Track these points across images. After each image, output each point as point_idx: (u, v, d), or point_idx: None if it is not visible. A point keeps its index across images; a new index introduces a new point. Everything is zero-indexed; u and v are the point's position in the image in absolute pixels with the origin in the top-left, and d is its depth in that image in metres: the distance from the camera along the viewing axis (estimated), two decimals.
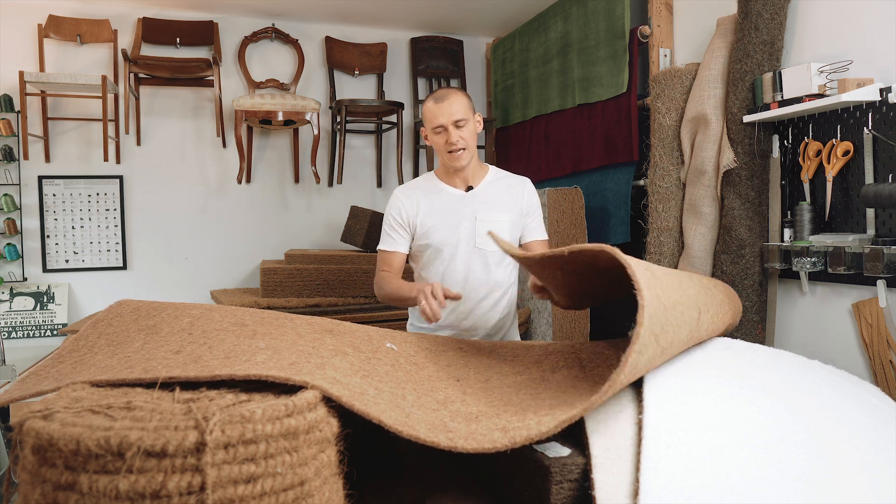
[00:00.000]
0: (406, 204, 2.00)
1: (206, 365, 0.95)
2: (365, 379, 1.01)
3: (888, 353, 2.00)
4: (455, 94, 1.94)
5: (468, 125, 1.94)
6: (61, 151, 3.79)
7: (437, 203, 2.00)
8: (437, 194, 2.02)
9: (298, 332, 1.16)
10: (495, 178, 2.06)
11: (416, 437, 0.88)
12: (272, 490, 0.76)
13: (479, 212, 1.98)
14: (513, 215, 2.01)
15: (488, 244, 1.95)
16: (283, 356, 0.98)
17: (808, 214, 2.24)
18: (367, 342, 1.23)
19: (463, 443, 0.88)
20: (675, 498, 0.84)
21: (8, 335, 3.61)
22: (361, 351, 1.16)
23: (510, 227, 2.00)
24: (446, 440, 0.89)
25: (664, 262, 2.78)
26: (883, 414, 1.14)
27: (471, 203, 2.00)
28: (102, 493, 0.70)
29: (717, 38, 2.58)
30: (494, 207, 2.00)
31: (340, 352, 1.10)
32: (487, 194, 2.01)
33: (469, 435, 0.92)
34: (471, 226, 1.98)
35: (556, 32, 3.68)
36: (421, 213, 1.99)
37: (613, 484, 0.88)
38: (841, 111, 2.16)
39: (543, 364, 1.33)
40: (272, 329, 1.15)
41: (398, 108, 4.00)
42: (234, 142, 3.89)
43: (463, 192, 2.02)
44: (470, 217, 1.98)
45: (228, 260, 4.07)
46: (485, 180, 2.04)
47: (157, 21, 3.90)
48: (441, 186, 2.03)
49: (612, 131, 3.25)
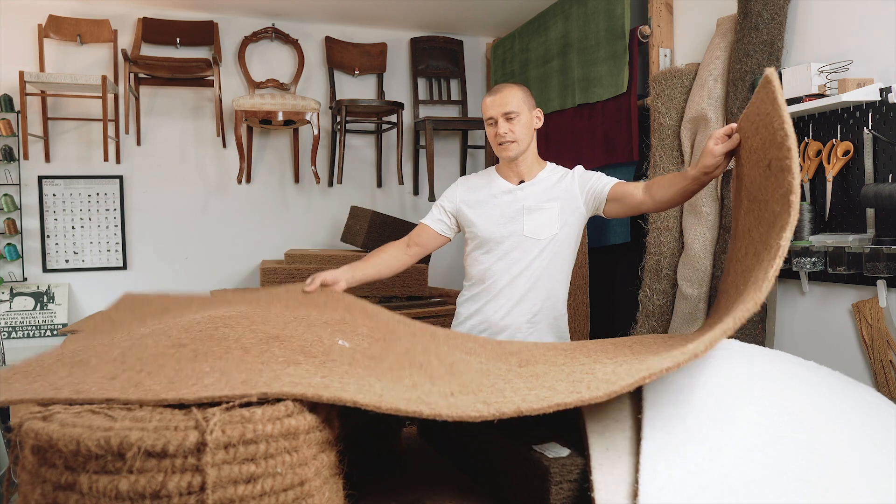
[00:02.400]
0: (457, 192, 2.12)
1: (149, 389, 0.87)
2: (325, 379, 0.96)
3: (888, 353, 2.00)
4: (510, 88, 2.00)
5: (520, 118, 1.98)
6: (61, 151, 3.79)
7: (488, 194, 2.07)
8: (489, 186, 2.09)
9: (243, 346, 1.09)
10: (550, 173, 2.09)
11: (397, 408, 0.85)
12: (272, 490, 0.76)
13: (528, 202, 2.02)
14: (564, 201, 2.01)
15: (536, 233, 2.00)
16: (233, 376, 0.92)
17: (809, 214, 2.24)
18: (318, 344, 1.17)
19: (447, 411, 0.86)
20: (675, 498, 0.84)
21: (8, 335, 3.61)
22: (314, 356, 1.10)
23: (560, 212, 2.00)
24: (428, 409, 0.86)
25: (664, 262, 2.79)
26: (882, 412, 1.14)
27: (520, 195, 2.04)
28: (102, 493, 0.70)
29: (717, 38, 2.58)
30: (543, 197, 2.03)
31: (292, 361, 1.04)
32: (538, 186, 2.05)
33: (450, 406, 0.90)
34: (519, 217, 2.02)
35: (556, 32, 3.69)
36: (469, 205, 2.08)
37: (613, 484, 0.88)
38: (841, 111, 2.16)
39: (510, 360, 1.31)
40: (214, 347, 1.07)
41: (398, 108, 4.00)
42: (234, 142, 3.89)
43: (514, 185, 2.07)
44: (518, 208, 2.02)
45: (228, 260, 4.07)
46: (540, 175, 2.08)
47: (157, 21, 3.90)
48: (495, 179, 2.10)
49: (612, 131, 3.25)
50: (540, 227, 2.00)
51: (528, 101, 2.01)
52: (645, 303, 2.86)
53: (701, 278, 2.59)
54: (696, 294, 2.60)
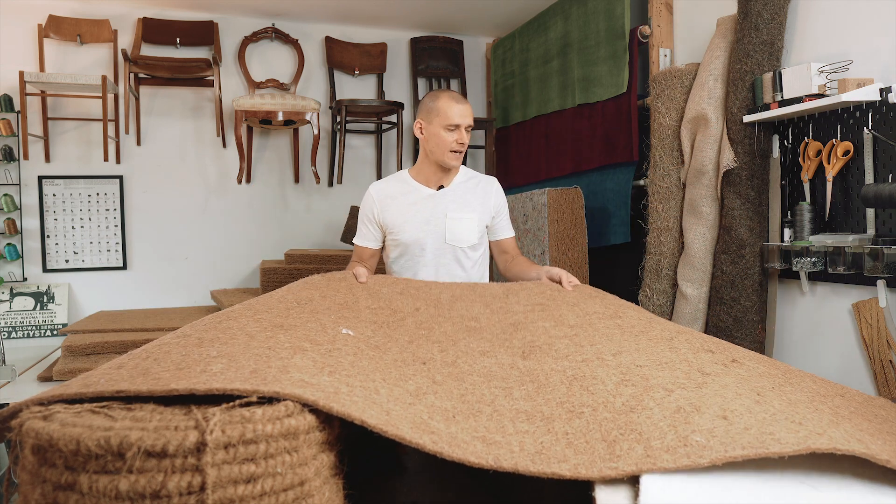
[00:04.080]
0: (376, 202, 2.12)
1: (158, 378, 0.86)
2: (332, 376, 0.96)
3: (888, 353, 2.00)
4: (467, 101, 2.11)
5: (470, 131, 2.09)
6: (61, 151, 3.79)
7: (408, 201, 2.11)
8: (409, 193, 2.12)
9: (248, 332, 1.09)
10: (465, 178, 2.17)
11: (401, 437, 0.86)
12: (272, 490, 0.76)
13: (450, 210, 2.09)
14: (480, 214, 2.12)
15: (458, 240, 2.08)
16: (241, 363, 0.92)
17: (808, 214, 2.24)
18: (322, 332, 1.17)
19: (448, 449, 0.87)
20: (675, 498, 0.84)
21: (8, 335, 3.61)
22: (319, 344, 1.10)
23: (477, 223, 2.11)
24: (430, 443, 0.87)
25: (664, 262, 2.78)
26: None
27: (441, 201, 2.11)
28: (102, 493, 0.70)
29: (717, 38, 2.58)
30: (464, 206, 2.11)
31: (299, 349, 1.04)
32: (457, 193, 2.13)
33: (451, 439, 0.90)
34: (441, 223, 2.08)
35: (556, 32, 3.68)
36: (391, 210, 2.10)
37: (613, 485, 0.88)
38: (841, 111, 2.16)
39: (513, 341, 1.30)
40: (219, 334, 1.07)
41: (398, 108, 4.00)
42: (234, 142, 3.89)
43: (434, 190, 2.12)
44: (440, 215, 2.09)
45: (228, 260, 4.07)
46: (455, 180, 2.15)
47: (157, 21, 3.89)
48: (413, 185, 2.14)
49: (612, 131, 3.25)
50: (460, 235, 2.08)
51: None
52: (645, 303, 2.86)
53: (701, 278, 2.59)
54: (696, 294, 2.60)
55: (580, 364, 1.17)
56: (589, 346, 1.25)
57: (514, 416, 1.01)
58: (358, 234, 2.18)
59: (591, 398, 1.05)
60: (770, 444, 0.88)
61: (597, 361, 1.17)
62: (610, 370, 1.13)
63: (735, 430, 0.92)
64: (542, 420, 1.00)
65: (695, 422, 0.95)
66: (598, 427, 0.96)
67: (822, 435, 0.91)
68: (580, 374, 1.13)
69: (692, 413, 0.97)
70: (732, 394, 1.04)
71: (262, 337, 1.07)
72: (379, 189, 2.15)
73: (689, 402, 1.01)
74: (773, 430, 0.92)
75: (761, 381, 1.14)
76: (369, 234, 2.14)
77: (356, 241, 2.18)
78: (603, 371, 1.13)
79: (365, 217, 2.15)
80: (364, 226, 2.15)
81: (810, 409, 1.04)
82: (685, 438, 0.91)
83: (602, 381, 1.10)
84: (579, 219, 3.21)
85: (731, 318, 2.46)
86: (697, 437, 0.91)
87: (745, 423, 0.94)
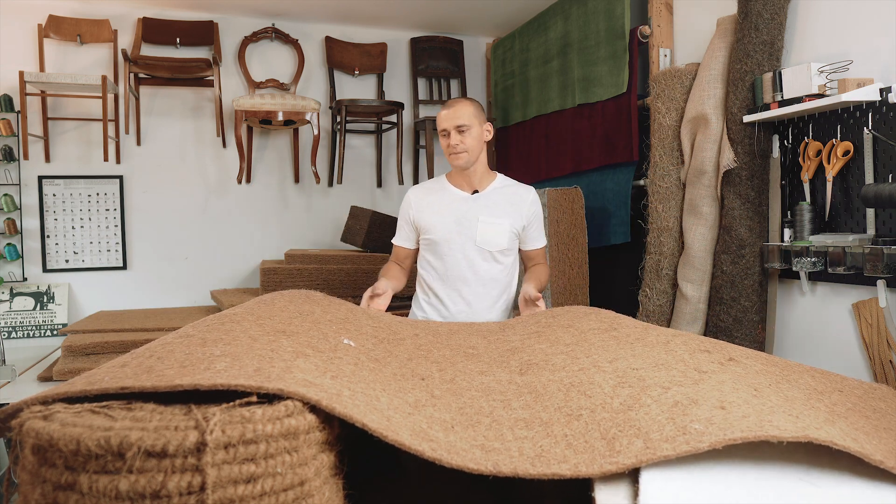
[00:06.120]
0: (412, 204, 2.24)
1: (162, 374, 0.86)
2: (335, 380, 0.96)
3: (888, 353, 2.00)
4: (462, 102, 2.15)
5: (471, 131, 2.13)
6: (61, 151, 3.79)
7: (442, 202, 2.20)
8: (443, 194, 2.23)
9: (251, 335, 1.09)
10: (501, 185, 2.24)
11: (401, 443, 0.86)
12: (272, 490, 0.76)
13: (483, 214, 2.16)
14: (513, 220, 2.18)
15: (487, 243, 2.15)
16: (245, 362, 0.92)
17: (808, 214, 2.24)
18: (324, 340, 1.18)
19: (447, 456, 0.87)
20: (675, 498, 0.84)
21: (8, 335, 3.61)
22: (321, 351, 1.11)
23: (509, 230, 2.17)
24: (430, 450, 0.87)
25: (664, 262, 2.78)
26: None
27: (474, 205, 2.18)
28: (102, 493, 0.70)
29: (717, 38, 2.58)
30: (497, 212, 2.17)
31: (301, 353, 1.04)
32: (491, 199, 2.19)
33: (450, 447, 0.91)
34: (472, 225, 2.15)
35: (556, 32, 3.68)
36: (425, 211, 2.20)
37: (613, 485, 0.88)
38: (841, 111, 2.16)
39: (510, 362, 1.31)
40: (222, 335, 1.07)
41: (398, 108, 4.00)
42: (234, 142, 3.89)
43: (468, 194, 2.20)
44: (473, 218, 2.16)
45: (228, 260, 4.07)
46: (491, 186, 2.22)
47: (157, 21, 3.89)
48: (449, 188, 2.23)
49: (612, 131, 3.25)
50: (491, 239, 2.14)
51: (479, 116, 2.16)
52: (645, 303, 2.86)
53: (701, 278, 2.59)
54: (696, 294, 2.60)
55: (577, 373, 1.17)
56: (585, 357, 1.25)
57: (513, 424, 1.01)
58: (397, 234, 2.30)
59: (588, 401, 1.05)
60: (769, 428, 0.89)
61: (593, 369, 1.18)
62: (607, 375, 1.14)
63: (733, 417, 0.93)
64: (540, 425, 1.00)
65: (693, 413, 0.95)
66: (596, 427, 0.96)
67: (819, 430, 0.92)
68: (577, 381, 1.13)
69: (690, 406, 0.98)
70: (730, 388, 1.05)
71: (265, 340, 1.08)
72: (416, 191, 2.28)
73: (687, 396, 1.01)
74: (772, 419, 0.93)
75: (758, 378, 1.14)
76: (406, 234, 2.27)
77: (395, 240, 2.31)
78: (600, 376, 1.13)
79: (402, 218, 2.28)
80: (401, 226, 2.28)
81: (806, 406, 1.05)
82: (684, 428, 0.91)
83: (599, 385, 1.10)
84: (579, 219, 3.21)
85: (731, 318, 2.46)
86: (696, 425, 0.91)
87: (742, 412, 0.95)
